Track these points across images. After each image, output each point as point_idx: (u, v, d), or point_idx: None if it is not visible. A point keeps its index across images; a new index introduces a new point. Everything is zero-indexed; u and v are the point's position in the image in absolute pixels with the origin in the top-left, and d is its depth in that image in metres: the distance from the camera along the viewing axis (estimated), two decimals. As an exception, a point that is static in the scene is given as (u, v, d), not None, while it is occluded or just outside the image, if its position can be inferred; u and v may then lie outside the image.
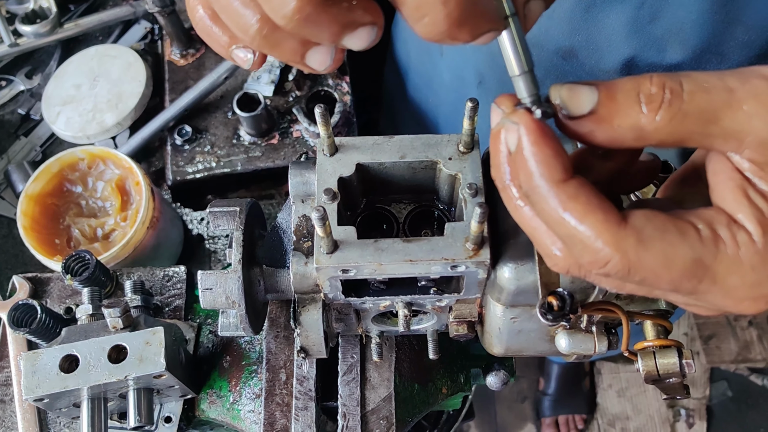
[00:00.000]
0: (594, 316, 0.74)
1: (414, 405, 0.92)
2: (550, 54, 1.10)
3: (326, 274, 0.70)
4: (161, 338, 0.85)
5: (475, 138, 0.73)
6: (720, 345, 2.79)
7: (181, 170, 1.34)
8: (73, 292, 1.06)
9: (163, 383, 0.88)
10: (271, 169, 1.34)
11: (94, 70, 1.42)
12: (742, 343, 2.79)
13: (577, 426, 2.56)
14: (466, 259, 0.68)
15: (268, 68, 1.39)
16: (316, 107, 0.67)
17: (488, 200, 0.73)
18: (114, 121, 1.36)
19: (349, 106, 1.37)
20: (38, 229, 1.19)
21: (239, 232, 0.78)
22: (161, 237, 1.23)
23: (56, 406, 0.88)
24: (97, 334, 0.87)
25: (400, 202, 0.79)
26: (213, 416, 0.95)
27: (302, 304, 0.76)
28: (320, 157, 0.73)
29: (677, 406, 2.70)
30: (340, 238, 0.69)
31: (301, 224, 0.75)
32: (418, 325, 0.86)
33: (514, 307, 0.75)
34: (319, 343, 0.77)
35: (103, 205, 1.24)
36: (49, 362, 0.84)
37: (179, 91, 1.39)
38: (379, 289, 0.77)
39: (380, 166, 0.74)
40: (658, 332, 0.73)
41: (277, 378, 0.91)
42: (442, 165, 0.73)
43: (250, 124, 1.31)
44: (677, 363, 0.69)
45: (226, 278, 0.76)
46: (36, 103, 1.46)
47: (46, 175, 1.21)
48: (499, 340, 0.80)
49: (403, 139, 0.74)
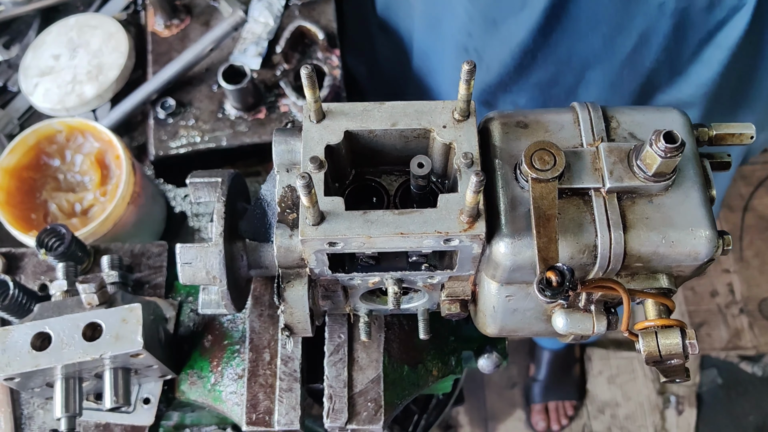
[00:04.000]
0: (593, 294, 0.71)
1: (403, 387, 0.88)
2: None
3: (312, 247, 0.66)
4: (139, 315, 0.80)
5: (471, 105, 0.69)
6: (711, 332, 2.78)
7: (163, 145, 1.29)
8: (48, 269, 1.01)
9: (141, 363, 0.83)
10: (258, 145, 1.29)
11: (74, 41, 1.36)
12: (733, 331, 2.78)
13: (567, 412, 2.53)
14: (460, 233, 0.64)
15: (255, 40, 1.34)
16: (302, 68, 0.63)
17: (485, 171, 0.69)
18: (94, 93, 1.30)
19: (338, 80, 1.32)
20: (14, 204, 1.14)
21: (221, 203, 0.74)
22: (142, 213, 1.19)
23: (28, 385, 0.84)
24: (72, 310, 0.83)
25: (391, 173, 0.75)
26: (193, 397, 0.91)
27: (287, 280, 0.72)
28: (306, 124, 0.69)
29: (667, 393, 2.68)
30: (327, 209, 0.65)
31: (285, 195, 0.71)
32: (408, 304, 0.82)
33: (509, 284, 0.71)
34: (305, 321, 0.73)
35: (81, 180, 1.19)
36: (20, 339, 0.80)
37: (162, 63, 1.34)
38: (368, 264, 0.73)
39: (370, 134, 0.70)
40: (660, 311, 0.69)
41: (260, 358, 0.87)
42: (435, 133, 0.69)
43: (236, 97, 1.26)
44: (680, 343, 0.66)
45: (207, 252, 0.72)
46: (13, 74, 1.40)
47: (22, 147, 1.16)
48: (493, 320, 0.76)
49: (394, 106, 0.70)
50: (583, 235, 0.67)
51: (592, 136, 0.71)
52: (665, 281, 0.70)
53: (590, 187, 0.68)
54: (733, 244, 0.78)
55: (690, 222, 0.67)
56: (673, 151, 0.63)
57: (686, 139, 0.70)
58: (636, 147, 0.68)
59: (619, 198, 0.68)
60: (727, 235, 0.69)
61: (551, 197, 0.65)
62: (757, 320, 2.82)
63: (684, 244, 0.67)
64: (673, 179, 0.67)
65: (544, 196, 0.65)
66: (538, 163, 0.66)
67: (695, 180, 0.69)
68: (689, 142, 0.70)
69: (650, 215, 0.67)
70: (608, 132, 0.71)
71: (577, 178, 0.68)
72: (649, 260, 0.67)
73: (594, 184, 0.68)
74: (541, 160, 0.66)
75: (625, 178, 0.67)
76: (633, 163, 0.67)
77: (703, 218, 0.67)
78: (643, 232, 0.67)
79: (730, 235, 0.69)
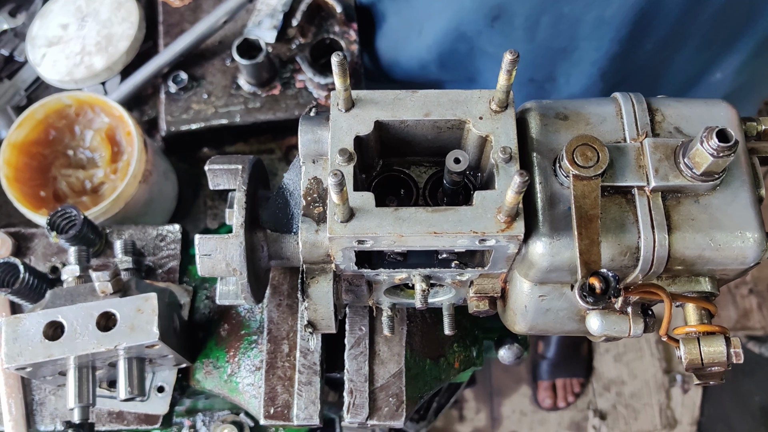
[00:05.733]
0: (630, 297, 0.67)
1: (425, 381, 0.86)
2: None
3: (340, 245, 0.62)
4: (154, 305, 0.78)
5: (510, 96, 0.65)
6: (719, 312, 2.76)
7: (175, 120, 1.25)
8: (59, 249, 0.98)
9: (156, 353, 0.81)
10: (272, 122, 1.25)
11: (82, 9, 1.31)
12: (742, 311, 2.76)
13: (573, 390, 2.53)
14: (497, 233, 0.60)
15: (271, 12, 1.29)
16: (333, 55, 0.58)
17: (522, 166, 0.65)
18: (103, 65, 1.26)
19: (356, 55, 1.27)
20: (23, 180, 1.11)
21: (242, 193, 0.70)
22: (154, 192, 1.15)
23: (40, 374, 0.81)
24: (85, 298, 0.81)
25: (420, 164, 0.71)
26: (209, 387, 0.89)
27: (311, 275, 0.69)
28: (335, 113, 0.65)
29: (673, 372, 2.68)
30: (356, 205, 0.61)
31: (311, 187, 0.68)
32: (433, 298, 0.79)
33: (543, 284, 0.68)
34: (329, 318, 0.70)
35: (92, 156, 1.15)
36: (32, 328, 0.77)
37: (174, 34, 1.29)
38: (396, 260, 0.70)
39: (402, 124, 0.66)
40: (702, 316, 0.66)
41: (279, 350, 0.85)
42: (471, 125, 0.65)
43: (250, 72, 1.22)
44: (725, 352, 0.63)
45: (227, 243, 0.69)
46: (20, 44, 1.35)
47: (30, 121, 1.12)
48: (523, 318, 0.73)
49: (428, 94, 0.66)
50: (626, 236, 0.63)
51: (636, 131, 0.67)
52: (708, 285, 0.66)
53: (634, 186, 0.64)
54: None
55: (738, 224, 0.63)
56: (725, 150, 0.59)
57: (737, 135, 0.66)
58: (683, 143, 0.64)
59: (664, 197, 0.64)
60: (775, 238, 0.65)
61: (594, 196, 0.62)
62: (766, 301, 2.80)
63: (731, 247, 0.63)
64: (722, 179, 0.64)
65: (586, 194, 0.62)
66: (581, 159, 0.62)
67: (744, 179, 0.65)
68: (739, 138, 0.66)
69: (696, 216, 0.64)
70: (653, 126, 0.67)
71: (620, 175, 0.64)
72: (693, 263, 0.64)
73: (638, 182, 0.64)
74: (583, 156, 0.62)
75: (671, 177, 0.63)
76: (680, 160, 0.63)
77: (752, 220, 0.64)
78: (688, 234, 0.63)
79: (778, 237, 0.66)
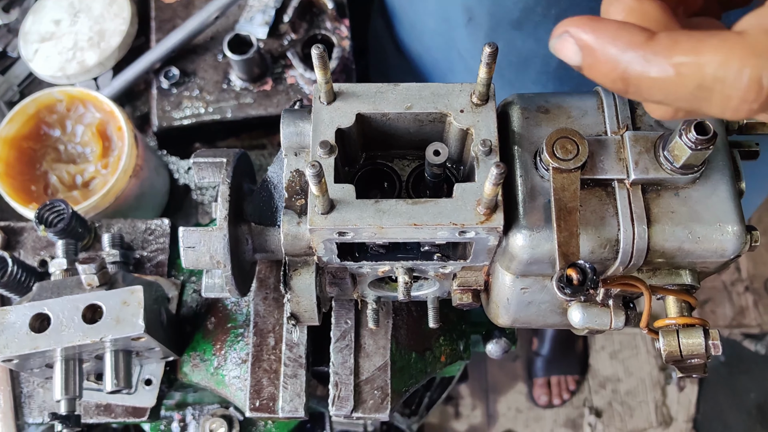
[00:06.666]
0: (611, 289, 0.68)
1: (411, 375, 0.86)
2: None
3: (321, 236, 0.63)
4: (140, 298, 0.78)
5: (491, 89, 0.65)
6: (715, 309, 2.76)
7: (167, 116, 1.25)
8: (48, 244, 0.99)
9: (143, 345, 0.81)
10: (263, 117, 1.25)
11: (75, 5, 1.31)
12: (737, 309, 2.77)
13: (569, 387, 2.54)
14: (476, 225, 0.61)
15: (262, 8, 1.30)
16: (314, 48, 0.59)
17: (503, 159, 0.65)
18: (96, 60, 1.26)
19: (347, 51, 1.27)
20: (13, 175, 1.11)
21: (225, 185, 0.71)
22: (145, 186, 1.16)
23: (27, 366, 0.82)
24: (71, 291, 0.81)
25: (404, 158, 0.72)
26: (196, 380, 0.89)
27: (293, 268, 0.69)
28: (317, 105, 0.66)
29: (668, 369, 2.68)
30: (337, 197, 0.62)
31: (293, 180, 0.68)
32: (418, 291, 0.79)
33: (525, 276, 0.68)
34: (312, 310, 0.71)
35: (82, 151, 1.16)
36: (18, 321, 0.78)
37: (166, 30, 1.30)
38: (378, 253, 0.70)
39: (383, 117, 0.66)
40: (682, 309, 0.66)
41: (265, 343, 0.85)
42: (452, 118, 0.65)
43: (242, 68, 1.22)
44: (703, 344, 0.63)
45: (211, 236, 0.69)
46: (13, 39, 1.36)
47: (21, 116, 1.13)
48: (506, 311, 0.74)
49: (409, 88, 0.66)
50: (605, 228, 0.63)
51: (617, 124, 0.67)
52: (688, 277, 0.67)
53: (614, 178, 0.64)
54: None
55: (718, 217, 0.64)
56: (704, 143, 0.59)
57: (717, 128, 0.66)
58: (663, 136, 0.64)
59: (644, 190, 0.65)
60: (755, 231, 0.66)
61: (573, 189, 0.62)
62: (762, 298, 2.80)
63: (710, 239, 0.63)
64: (702, 171, 0.64)
65: (565, 187, 0.62)
66: (560, 152, 0.63)
67: (724, 172, 0.65)
68: (720, 131, 0.67)
69: (676, 209, 0.64)
70: (634, 119, 0.68)
71: (601, 168, 0.65)
72: (673, 256, 0.64)
73: (618, 175, 0.64)
74: (563, 149, 0.63)
75: (651, 170, 0.64)
76: (660, 153, 0.64)
77: (732, 213, 0.64)
78: (668, 226, 0.63)
79: (758, 230, 0.66)
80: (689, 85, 0.42)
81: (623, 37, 0.44)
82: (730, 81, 0.41)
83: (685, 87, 0.43)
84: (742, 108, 0.42)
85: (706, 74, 0.41)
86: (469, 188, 0.62)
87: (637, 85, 0.44)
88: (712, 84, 0.42)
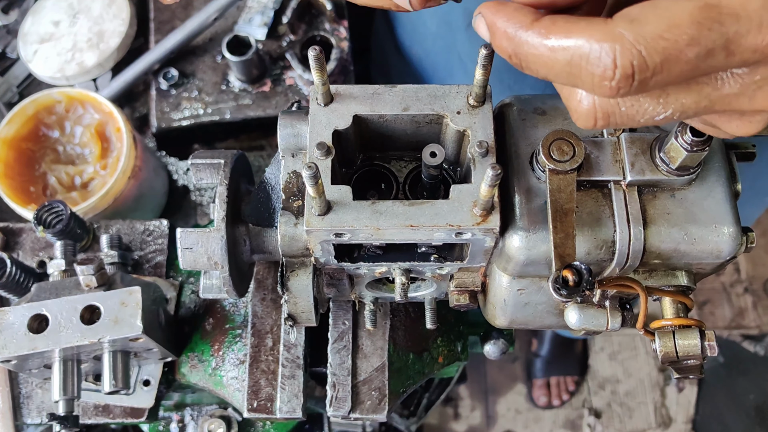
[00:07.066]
0: (608, 290, 0.68)
1: (408, 375, 0.86)
2: None
3: (318, 238, 0.63)
4: (138, 299, 0.78)
5: (487, 90, 0.65)
6: (714, 311, 2.77)
7: (166, 117, 1.25)
8: (47, 245, 0.99)
9: (141, 346, 0.82)
10: (262, 119, 1.25)
11: (74, 6, 1.32)
12: (737, 310, 2.77)
13: (568, 388, 2.54)
14: (473, 226, 0.61)
15: (261, 10, 1.30)
16: (310, 49, 0.59)
17: (499, 160, 0.66)
18: (95, 61, 1.27)
19: (346, 53, 1.28)
20: (12, 176, 1.11)
21: (223, 187, 0.71)
22: (144, 187, 1.16)
23: (26, 367, 0.82)
24: (69, 292, 0.81)
25: (401, 159, 0.72)
26: (194, 381, 0.89)
27: (291, 269, 0.70)
28: (314, 107, 0.66)
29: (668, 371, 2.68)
30: (333, 198, 0.62)
31: (290, 181, 0.68)
32: (415, 293, 0.79)
33: (522, 277, 0.69)
34: (309, 311, 0.71)
35: (81, 152, 1.16)
36: (17, 321, 0.78)
37: (165, 31, 1.30)
38: (375, 254, 0.70)
39: (380, 119, 0.66)
40: (678, 310, 0.67)
41: (263, 344, 0.85)
42: (449, 120, 0.65)
43: (241, 69, 1.22)
44: (699, 345, 0.64)
45: (208, 237, 0.69)
46: (12, 40, 1.36)
47: (20, 117, 1.13)
48: (503, 312, 0.74)
49: (406, 89, 0.67)
50: (602, 230, 0.64)
51: (613, 125, 0.67)
52: (684, 279, 0.67)
53: (610, 180, 0.65)
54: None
55: (713, 218, 0.64)
56: (699, 145, 0.60)
57: (712, 130, 0.66)
58: (659, 138, 0.64)
59: (640, 192, 0.65)
60: (751, 232, 0.66)
61: (569, 190, 0.62)
62: (762, 300, 2.80)
63: (706, 241, 0.64)
64: (698, 173, 0.64)
65: (561, 188, 0.62)
66: (557, 154, 0.63)
67: (720, 174, 0.66)
68: (715, 133, 0.67)
69: (672, 210, 0.64)
70: (630, 121, 0.68)
71: (597, 169, 0.65)
72: (669, 257, 0.65)
73: (614, 176, 0.65)
74: (559, 151, 0.63)
75: (647, 171, 0.64)
76: (656, 155, 0.64)
77: (728, 214, 0.64)
78: (664, 228, 0.64)
79: (754, 232, 0.66)
80: (561, 62, 0.47)
81: (516, 18, 0.49)
82: (591, 59, 0.45)
83: (558, 63, 0.48)
84: (605, 85, 0.46)
85: (573, 53, 0.46)
86: (465, 190, 0.62)
87: (526, 60, 0.50)
88: (578, 61, 0.46)
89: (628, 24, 0.45)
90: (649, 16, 0.45)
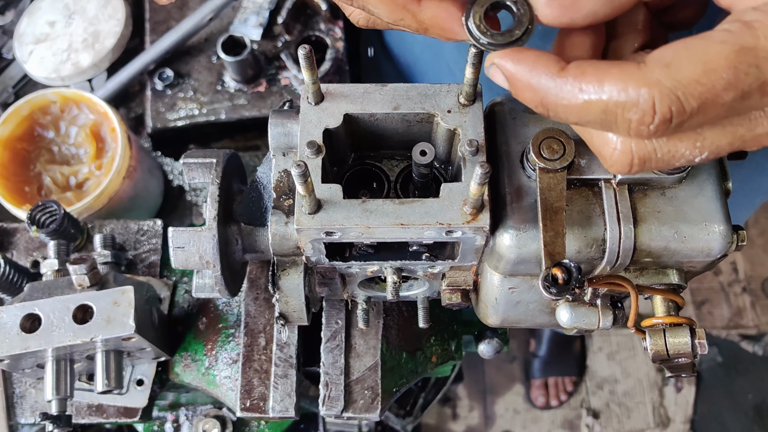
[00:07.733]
0: (599, 288, 0.68)
1: (401, 375, 0.86)
2: None
3: (308, 236, 0.63)
4: (131, 298, 0.78)
5: (477, 89, 0.65)
6: (712, 310, 2.76)
7: (161, 117, 1.25)
8: (41, 245, 0.99)
9: (134, 345, 0.82)
10: (257, 119, 1.26)
11: (70, 7, 1.32)
12: (735, 310, 2.77)
13: (566, 388, 2.54)
14: (463, 224, 0.61)
15: (256, 10, 1.30)
16: (300, 48, 0.59)
17: (490, 159, 0.66)
18: (90, 62, 1.27)
19: (341, 53, 1.28)
20: (6, 176, 1.11)
21: (215, 186, 0.71)
22: (139, 188, 1.16)
23: (19, 366, 0.82)
24: (62, 291, 0.81)
25: (392, 158, 0.72)
26: (187, 380, 0.89)
27: (282, 268, 0.70)
28: (304, 106, 0.66)
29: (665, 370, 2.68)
30: (324, 196, 0.62)
31: (281, 180, 0.68)
32: (407, 292, 0.79)
33: (513, 276, 0.69)
34: (300, 310, 0.71)
35: (76, 152, 1.16)
36: (9, 321, 0.78)
37: (161, 31, 1.30)
38: (367, 253, 0.70)
39: (371, 117, 0.67)
40: (669, 308, 0.67)
41: (255, 343, 0.85)
42: (439, 118, 0.65)
43: (236, 69, 1.23)
44: (689, 343, 0.64)
45: (200, 236, 0.70)
46: (8, 41, 1.36)
47: (15, 118, 1.13)
48: (495, 311, 0.74)
49: (397, 88, 0.67)
50: (592, 228, 0.64)
51: (604, 124, 0.67)
52: (675, 277, 0.67)
53: (600, 178, 0.65)
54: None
55: (704, 216, 0.64)
56: (689, 143, 0.60)
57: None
58: (650, 136, 0.64)
59: (630, 190, 0.65)
60: (742, 230, 0.66)
61: (559, 188, 0.62)
62: (760, 299, 2.80)
63: (697, 239, 0.64)
64: (688, 171, 0.64)
65: (551, 187, 0.62)
66: (547, 152, 0.63)
67: (711, 172, 0.66)
68: (706, 132, 0.67)
69: (662, 209, 0.64)
70: (621, 119, 0.68)
71: (587, 168, 0.65)
72: (659, 255, 0.65)
73: (604, 175, 0.64)
74: (549, 149, 0.63)
75: (637, 170, 0.64)
76: (646, 153, 0.64)
77: (718, 212, 0.64)
78: (654, 226, 0.64)
79: (745, 230, 0.66)
80: (595, 110, 0.47)
81: (539, 67, 0.48)
82: (628, 106, 0.45)
83: (592, 112, 0.47)
84: (643, 130, 0.46)
85: (608, 101, 0.46)
86: (455, 188, 0.62)
87: (555, 110, 0.49)
88: (614, 109, 0.46)
89: (663, 69, 0.45)
90: (684, 61, 0.45)
